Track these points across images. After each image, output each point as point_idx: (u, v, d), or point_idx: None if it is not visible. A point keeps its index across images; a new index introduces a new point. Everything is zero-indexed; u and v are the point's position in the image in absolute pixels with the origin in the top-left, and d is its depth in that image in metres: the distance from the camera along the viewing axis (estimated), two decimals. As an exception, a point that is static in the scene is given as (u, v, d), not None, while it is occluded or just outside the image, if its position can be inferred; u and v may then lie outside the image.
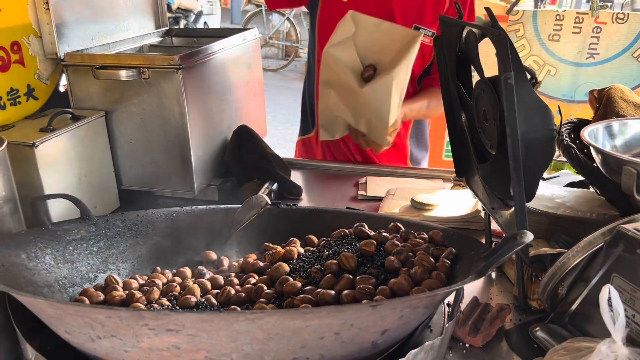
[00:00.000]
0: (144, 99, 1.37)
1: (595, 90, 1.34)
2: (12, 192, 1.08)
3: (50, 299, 0.88)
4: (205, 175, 1.50)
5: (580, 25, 2.79)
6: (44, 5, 1.36)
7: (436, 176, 1.70)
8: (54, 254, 1.00)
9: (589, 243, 0.87)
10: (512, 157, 0.83)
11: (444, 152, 3.18)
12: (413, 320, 0.77)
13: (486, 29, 0.88)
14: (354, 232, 1.09)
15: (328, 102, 1.55)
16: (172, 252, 1.16)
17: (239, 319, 0.60)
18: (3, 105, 1.32)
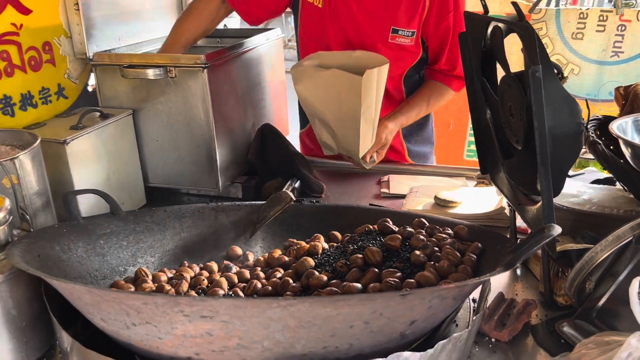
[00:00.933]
0: (170, 97, 1.39)
1: (622, 87, 1.33)
2: (45, 187, 1.12)
3: (89, 286, 0.90)
4: (230, 172, 1.52)
5: (604, 24, 2.75)
6: (74, 7, 1.40)
7: (459, 174, 1.70)
8: (85, 247, 1.03)
9: (617, 237, 0.86)
10: (540, 151, 0.83)
11: (465, 152, 3.16)
12: (441, 311, 0.78)
13: (513, 24, 0.88)
14: (378, 227, 1.10)
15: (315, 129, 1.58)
16: (198, 247, 1.18)
17: (271, 306, 0.62)
18: (35, 103, 1.36)
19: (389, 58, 1.63)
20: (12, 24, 1.27)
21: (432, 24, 1.61)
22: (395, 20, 1.59)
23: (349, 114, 1.42)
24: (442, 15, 1.60)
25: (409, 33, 1.60)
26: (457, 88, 1.74)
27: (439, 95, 1.74)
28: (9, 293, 0.86)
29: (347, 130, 1.46)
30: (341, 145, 1.54)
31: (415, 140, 1.88)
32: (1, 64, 1.26)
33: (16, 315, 0.88)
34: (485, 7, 1.05)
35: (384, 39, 1.60)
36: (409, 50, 1.63)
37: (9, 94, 1.29)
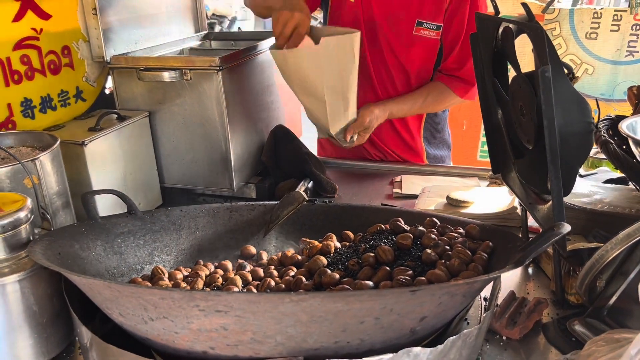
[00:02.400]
0: (185, 99, 1.42)
1: (635, 86, 1.33)
2: (64, 187, 1.15)
3: (108, 281, 0.93)
4: (244, 173, 1.55)
5: (618, 23, 2.74)
6: (92, 11, 1.43)
7: (471, 174, 1.71)
8: (103, 245, 1.05)
9: (628, 235, 0.87)
10: (550, 150, 0.84)
11: (478, 152, 3.16)
12: (451, 308, 0.79)
13: (523, 24, 0.89)
14: (390, 227, 1.11)
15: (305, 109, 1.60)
16: (213, 246, 1.20)
17: (284, 301, 0.63)
18: (54, 106, 1.39)
19: (413, 51, 1.65)
20: (32, 29, 1.31)
21: (449, 16, 1.62)
22: (420, 13, 1.61)
23: (315, 87, 1.42)
24: (459, 8, 1.60)
25: (434, 26, 1.61)
26: (462, 93, 1.71)
27: (437, 95, 1.72)
28: (30, 290, 0.89)
29: (317, 104, 1.47)
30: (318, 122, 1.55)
31: (434, 143, 1.89)
32: (22, 68, 1.29)
33: (37, 311, 0.91)
34: (496, 7, 1.06)
35: (409, 31, 1.62)
36: (434, 44, 1.64)
37: (29, 96, 1.32)
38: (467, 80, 1.69)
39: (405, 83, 1.73)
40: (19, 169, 1.02)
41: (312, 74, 1.40)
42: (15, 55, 1.27)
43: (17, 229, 0.90)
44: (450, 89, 1.71)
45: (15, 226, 0.89)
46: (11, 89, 1.27)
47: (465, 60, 1.66)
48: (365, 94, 1.74)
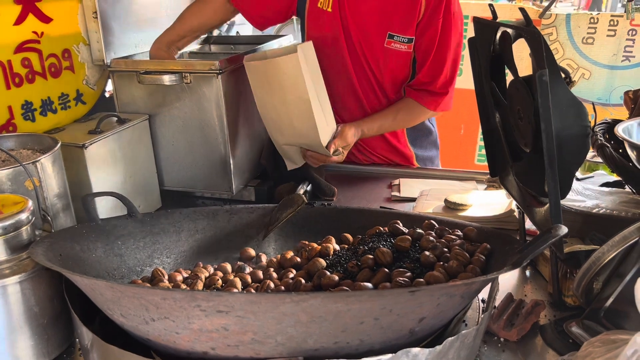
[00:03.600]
0: (185, 102, 1.43)
1: (631, 91, 1.34)
2: (65, 189, 1.16)
3: (111, 281, 0.93)
4: (243, 176, 1.55)
5: (615, 28, 2.76)
6: (93, 15, 1.44)
7: (469, 177, 1.72)
8: (104, 247, 1.06)
9: (624, 238, 0.88)
10: (547, 153, 0.85)
11: (476, 156, 3.17)
12: (449, 309, 0.79)
13: (520, 29, 0.90)
14: (388, 229, 1.12)
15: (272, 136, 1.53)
16: (213, 248, 1.21)
17: (285, 301, 0.64)
18: (54, 109, 1.40)
19: (385, 63, 1.66)
20: (33, 32, 1.32)
21: (420, 29, 1.62)
22: (391, 26, 1.62)
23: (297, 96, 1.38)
24: (430, 23, 1.61)
25: (405, 39, 1.62)
26: (434, 106, 1.70)
27: (408, 112, 1.72)
28: (31, 291, 0.90)
29: (302, 116, 1.41)
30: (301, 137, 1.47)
31: (421, 145, 1.90)
32: (23, 71, 1.30)
33: (38, 312, 0.91)
34: (493, 12, 1.08)
35: (381, 43, 1.63)
36: (405, 57, 1.65)
37: (30, 99, 1.33)
38: (438, 92, 1.68)
39: (384, 94, 1.74)
40: (20, 171, 1.03)
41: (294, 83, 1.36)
42: (16, 58, 1.28)
43: (18, 231, 0.90)
44: (420, 105, 1.70)
45: (16, 228, 0.90)
46: (12, 92, 1.28)
47: (437, 73, 1.66)
48: (350, 103, 1.74)
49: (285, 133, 1.48)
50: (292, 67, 1.35)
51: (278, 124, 1.48)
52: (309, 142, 1.47)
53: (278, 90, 1.40)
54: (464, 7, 1.78)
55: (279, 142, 1.52)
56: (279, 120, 1.46)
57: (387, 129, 1.75)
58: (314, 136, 1.44)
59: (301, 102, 1.38)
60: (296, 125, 1.44)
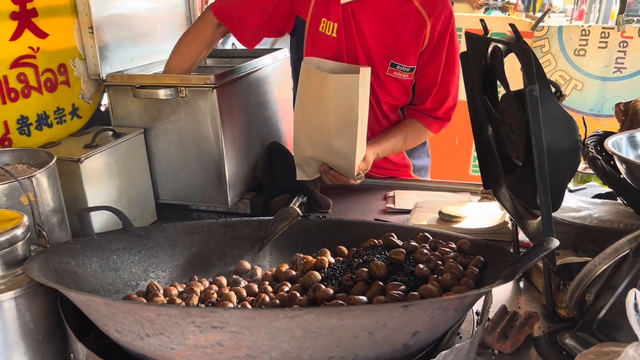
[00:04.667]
0: (180, 116, 1.44)
1: (622, 103, 1.36)
2: (60, 204, 1.16)
3: (105, 297, 0.93)
4: (238, 189, 1.56)
5: (606, 40, 2.79)
6: (89, 30, 1.45)
7: (464, 189, 1.73)
8: (99, 262, 1.06)
9: (615, 250, 0.89)
10: (538, 167, 0.86)
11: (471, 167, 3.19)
12: (443, 323, 0.80)
13: (511, 44, 0.92)
14: (383, 242, 1.13)
15: (299, 144, 1.53)
16: (208, 262, 1.21)
17: (279, 316, 0.64)
18: (50, 123, 1.41)
19: (384, 90, 1.68)
20: (29, 47, 1.33)
21: (424, 62, 1.65)
22: (394, 55, 1.64)
23: (347, 118, 1.39)
24: (435, 55, 1.64)
25: (407, 69, 1.65)
26: (437, 129, 1.77)
27: (416, 134, 1.77)
28: (26, 306, 0.90)
29: (345, 137, 1.41)
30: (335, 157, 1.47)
31: (417, 155, 1.92)
32: (18, 86, 1.31)
33: (33, 328, 0.91)
34: (484, 28, 1.09)
35: (383, 70, 1.66)
36: (405, 84, 1.68)
37: (25, 114, 1.33)
38: (443, 118, 1.75)
39: (384, 116, 1.77)
40: (16, 187, 1.03)
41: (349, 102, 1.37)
42: (12, 74, 1.29)
43: (13, 246, 0.91)
44: (426, 128, 1.76)
45: (11, 243, 0.90)
46: (8, 107, 1.29)
47: (442, 101, 1.71)
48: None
49: (318, 147, 1.48)
50: (350, 87, 1.36)
51: (312, 136, 1.48)
52: (341, 163, 1.47)
53: (328, 106, 1.40)
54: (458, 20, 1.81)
55: (305, 152, 1.52)
56: (316, 133, 1.47)
57: (398, 150, 1.79)
58: (349, 159, 1.44)
59: (349, 124, 1.39)
60: (335, 145, 1.43)
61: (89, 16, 1.45)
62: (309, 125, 1.49)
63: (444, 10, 1.61)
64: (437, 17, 1.60)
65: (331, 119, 1.41)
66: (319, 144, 1.47)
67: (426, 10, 1.60)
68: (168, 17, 1.81)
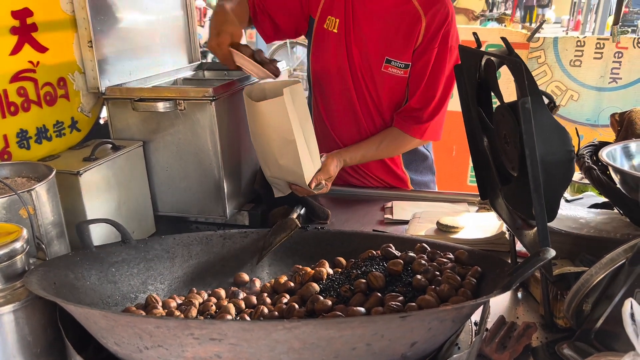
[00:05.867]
0: (179, 129, 1.45)
1: (617, 113, 1.37)
2: (59, 217, 1.16)
3: (104, 310, 0.94)
4: (237, 201, 1.56)
5: (601, 51, 2.82)
6: (88, 44, 1.46)
7: (461, 200, 1.73)
8: (98, 274, 1.06)
9: (611, 260, 0.89)
10: (532, 178, 0.87)
11: (468, 177, 3.20)
12: (441, 334, 0.80)
13: (503, 57, 0.93)
14: (381, 253, 1.13)
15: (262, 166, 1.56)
16: (207, 274, 1.22)
17: (277, 328, 0.65)
18: (49, 136, 1.41)
19: (381, 86, 1.69)
20: (29, 62, 1.34)
21: (416, 56, 1.66)
22: (389, 51, 1.66)
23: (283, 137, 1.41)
24: (427, 49, 1.65)
25: (402, 65, 1.66)
26: (419, 134, 1.72)
27: (391, 141, 1.74)
28: (25, 320, 0.90)
29: (288, 155, 1.43)
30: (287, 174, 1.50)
31: (417, 169, 1.92)
32: (18, 100, 1.32)
33: (32, 341, 0.91)
34: (477, 41, 1.10)
35: (378, 67, 1.67)
36: (401, 82, 1.69)
37: (25, 127, 1.34)
38: (424, 121, 1.71)
39: (381, 117, 1.77)
40: (15, 200, 1.03)
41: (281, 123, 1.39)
42: (12, 88, 1.30)
43: (12, 260, 0.91)
44: (405, 133, 1.73)
45: (11, 257, 0.90)
46: (7, 121, 1.29)
47: (428, 102, 1.69)
48: (348, 124, 1.78)
49: (272, 168, 1.50)
50: (278, 110, 1.37)
51: (266, 158, 1.51)
52: (294, 179, 1.49)
53: (266, 129, 1.42)
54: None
55: (267, 174, 1.55)
56: (267, 155, 1.49)
57: (371, 157, 1.77)
58: (298, 174, 1.46)
59: (287, 142, 1.41)
60: (282, 164, 1.46)
61: (88, 30, 1.46)
62: (260, 149, 1.51)
63: (441, 8, 1.63)
64: (434, 14, 1.62)
65: (272, 141, 1.43)
66: (272, 164, 1.49)
67: (423, 8, 1.63)
68: (167, 31, 1.82)
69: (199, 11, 10.14)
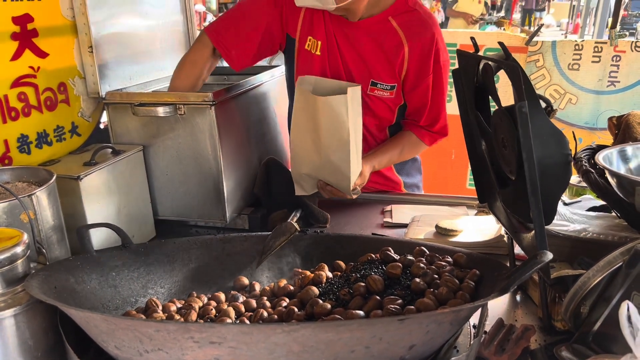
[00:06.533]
0: (179, 133, 1.45)
1: (614, 117, 1.38)
2: (60, 221, 1.17)
3: (105, 314, 0.94)
4: (237, 205, 1.57)
5: (599, 54, 2.83)
6: (89, 49, 1.48)
7: (460, 203, 1.74)
8: (98, 278, 1.07)
9: (608, 262, 0.90)
10: (530, 182, 0.88)
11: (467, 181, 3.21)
12: (439, 336, 0.81)
13: (500, 62, 0.94)
14: (380, 256, 1.14)
15: (296, 162, 1.56)
16: (206, 277, 1.22)
17: (276, 331, 0.65)
18: (50, 141, 1.42)
19: (366, 108, 1.70)
20: (29, 67, 1.35)
21: (410, 85, 1.68)
22: (374, 74, 1.67)
23: (339, 136, 1.42)
24: (421, 78, 1.66)
25: (387, 87, 1.67)
26: (430, 142, 1.79)
27: (412, 147, 1.79)
28: (26, 324, 0.90)
29: (338, 155, 1.44)
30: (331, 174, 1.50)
31: (407, 172, 1.94)
32: (19, 105, 1.33)
33: (32, 345, 0.92)
34: (475, 46, 1.11)
35: (364, 89, 1.67)
36: (388, 103, 1.71)
37: (25, 132, 1.35)
38: (438, 132, 1.77)
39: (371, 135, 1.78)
40: (16, 205, 1.04)
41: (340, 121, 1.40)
42: (12, 93, 1.31)
43: (13, 264, 0.91)
44: (422, 141, 1.78)
45: (12, 261, 0.91)
46: (8, 126, 1.30)
47: (436, 118, 1.74)
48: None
49: (314, 165, 1.50)
50: (339, 107, 1.38)
51: (308, 154, 1.51)
52: (337, 180, 1.50)
53: (320, 126, 1.43)
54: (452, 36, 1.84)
55: (302, 169, 1.54)
56: (312, 151, 1.49)
57: (394, 162, 1.81)
58: (344, 176, 1.46)
59: (341, 142, 1.42)
60: (330, 163, 1.46)
61: (88, 36, 1.47)
62: (304, 144, 1.51)
63: (424, 33, 1.62)
64: (416, 41, 1.61)
65: (324, 138, 1.44)
66: (315, 162, 1.50)
67: (404, 32, 1.61)
68: (167, 36, 1.84)
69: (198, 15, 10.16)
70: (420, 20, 1.63)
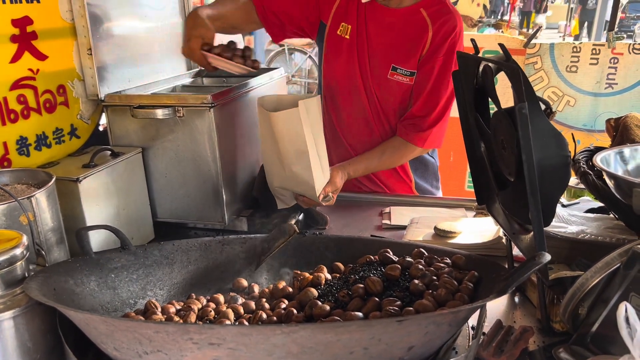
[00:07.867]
0: (178, 135, 1.45)
1: (612, 119, 1.39)
2: (59, 223, 1.17)
3: (104, 316, 0.94)
4: (236, 206, 1.57)
5: (597, 57, 2.84)
6: (88, 52, 1.48)
7: (459, 205, 1.74)
8: (97, 280, 1.07)
9: (606, 264, 0.90)
10: (529, 183, 0.88)
11: (466, 182, 3.21)
12: (437, 338, 0.81)
13: (500, 63, 0.94)
14: (379, 258, 1.14)
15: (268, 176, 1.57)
16: (205, 279, 1.22)
17: (275, 332, 0.65)
18: (49, 144, 1.42)
19: (387, 92, 1.71)
20: (29, 69, 1.35)
21: (422, 64, 1.68)
22: (395, 59, 1.69)
23: (297, 148, 1.42)
24: (432, 58, 1.67)
25: (407, 72, 1.68)
26: (421, 142, 1.73)
27: (393, 151, 1.75)
28: (25, 326, 0.90)
29: (300, 166, 1.45)
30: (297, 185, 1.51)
31: (422, 175, 1.93)
32: (18, 107, 1.33)
33: (31, 347, 0.92)
34: (475, 47, 1.12)
35: (385, 74, 1.69)
36: (407, 89, 1.71)
37: (24, 135, 1.35)
38: (425, 128, 1.72)
39: (388, 122, 1.79)
40: (15, 207, 1.04)
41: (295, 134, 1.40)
42: (11, 95, 1.31)
43: (12, 266, 0.91)
44: (408, 143, 1.74)
45: (11, 263, 0.91)
46: (7, 128, 1.30)
47: (431, 110, 1.70)
48: (361, 128, 1.80)
49: (282, 178, 1.51)
50: (293, 121, 1.38)
51: (274, 169, 1.52)
52: (304, 190, 1.50)
53: (279, 140, 1.43)
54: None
55: (274, 184, 1.55)
56: (278, 164, 1.49)
57: (373, 169, 1.78)
58: (309, 186, 1.47)
59: (300, 153, 1.42)
60: (294, 174, 1.46)
61: (87, 38, 1.47)
62: (272, 159, 1.52)
63: (449, 19, 1.66)
64: (441, 25, 1.65)
65: (285, 150, 1.44)
66: (282, 175, 1.50)
67: (431, 18, 1.66)
68: (166, 38, 1.84)
69: (197, 18, 10.14)
70: (448, 11, 1.68)
